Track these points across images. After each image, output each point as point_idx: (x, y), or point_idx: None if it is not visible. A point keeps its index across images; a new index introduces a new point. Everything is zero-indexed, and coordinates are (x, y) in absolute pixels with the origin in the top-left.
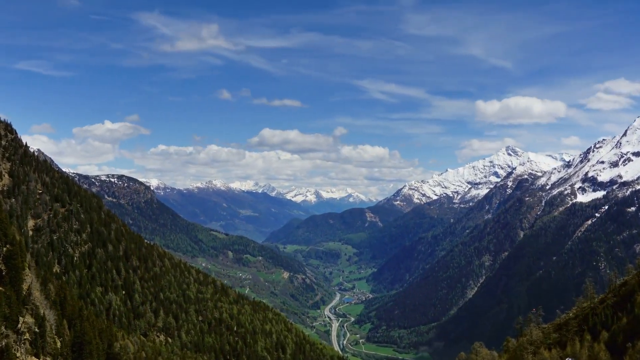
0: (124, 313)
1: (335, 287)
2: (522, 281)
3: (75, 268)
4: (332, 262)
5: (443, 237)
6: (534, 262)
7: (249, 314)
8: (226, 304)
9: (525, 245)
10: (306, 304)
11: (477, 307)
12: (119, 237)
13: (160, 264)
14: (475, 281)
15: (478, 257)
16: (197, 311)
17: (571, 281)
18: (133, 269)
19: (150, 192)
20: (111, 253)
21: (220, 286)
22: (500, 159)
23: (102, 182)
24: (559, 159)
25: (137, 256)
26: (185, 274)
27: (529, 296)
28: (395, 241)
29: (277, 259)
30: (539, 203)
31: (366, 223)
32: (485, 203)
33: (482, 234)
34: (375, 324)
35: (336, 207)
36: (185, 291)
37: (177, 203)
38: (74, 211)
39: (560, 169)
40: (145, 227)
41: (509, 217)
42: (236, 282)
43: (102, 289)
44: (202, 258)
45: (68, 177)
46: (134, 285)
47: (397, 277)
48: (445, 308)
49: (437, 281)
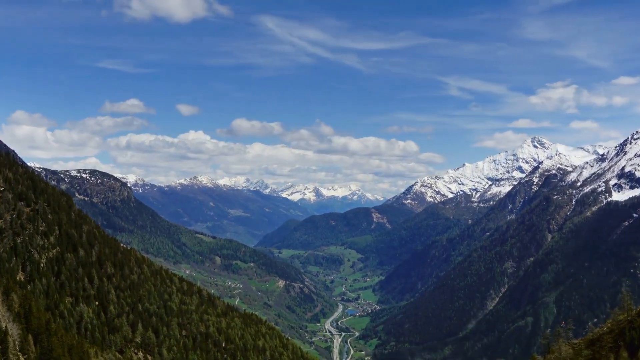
0: (97, 327)
1: (337, 297)
2: (550, 291)
3: (42, 276)
4: (334, 269)
5: (460, 240)
6: (564, 269)
7: (240, 327)
8: (213, 316)
9: (553, 249)
10: (304, 316)
11: (499, 320)
12: (92, 240)
13: (138, 271)
14: (496, 290)
15: (500, 263)
16: (181, 325)
17: (606, 291)
18: (107, 277)
19: (126, 189)
20: (82, 259)
21: (206, 296)
22: (524, 151)
23: (72, 178)
24: (591, 151)
25: (112, 262)
26: (166, 283)
27: (558, 308)
28: (406, 245)
29: (271, 266)
30: (568, 202)
31: (372, 225)
32: (507, 202)
33: (504, 236)
34: (382, 339)
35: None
36: (167, 302)
37: (158, 202)
38: (41, 211)
39: (593, 163)
40: (122, 229)
41: (534, 218)
42: (225, 292)
43: (72, 300)
44: (186, 264)
45: (34, 172)
46: (109, 295)
47: (408, 286)
48: (462, 321)
49: (453, 291)
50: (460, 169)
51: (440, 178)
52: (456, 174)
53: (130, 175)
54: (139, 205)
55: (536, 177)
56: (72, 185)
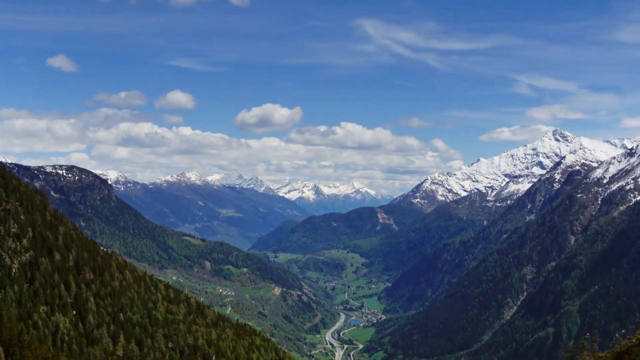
0: (74, 338)
1: (339, 306)
2: (573, 298)
3: (14, 282)
4: (336, 274)
5: (474, 243)
6: (588, 275)
7: (232, 339)
8: (202, 327)
9: (576, 253)
10: (303, 327)
11: (517, 331)
12: (69, 243)
13: (120, 277)
14: (514, 299)
15: (518, 269)
16: (166, 336)
17: (635, 299)
18: (86, 284)
19: (107, 187)
20: (59, 263)
21: (195, 305)
22: (545, 145)
23: (47, 174)
24: (619, 145)
25: (92, 267)
26: (151, 290)
27: (582, 317)
28: (414, 249)
29: (266, 271)
30: (594, 201)
31: (378, 226)
32: (526, 201)
33: (522, 239)
34: (389, 352)
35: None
36: (152, 311)
37: (142, 201)
38: (12, 211)
39: (620, 158)
40: (102, 230)
41: (556, 219)
42: (215, 300)
43: (48, 309)
44: (173, 270)
45: (5, 168)
46: (88, 304)
47: (417, 294)
48: (477, 332)
49: (466, 299)
50: (475, 164)
51: (452, 175)
52: (470, 170)
53: (112, 171)
54: (121, 204)
55: (558, 173)
56: (47, 182)
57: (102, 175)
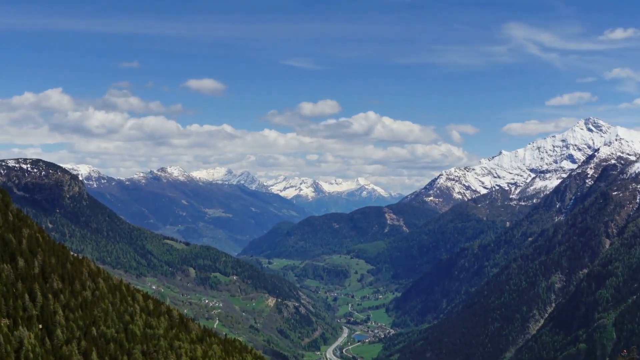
0: (40, 355)
1: (341, 318)
2: (608, 310)
3: None
4: (338, 283)
5: (495, 247)
6: (625, 284)
7: (219, 357)
8: (186, 342)
9: (612, 259)
10: (300, 342)
11: (544, 347)
12: (34, 247)
13: (92, 286)
14: (541, 311)
15: (545, 277)
16: (145, 353)
17: None
18: (54, 294)
19: (78, 183)
20: (22, 270)
21: (177, 318)
22: (576, 136)
23: (10, 169)
24: None
25: (60, 275)
26: (128, 301)
27: (618, 332)
28: (427, 254)
29: (258, 279)
30: (632, 199)
31: (386, 228)
32: (555, 199)
33: (550, 243)
34: None
35: (343, 205)
36: (128, 325)
37: (117, 199)
38: None
39: None
40: (72, 233)
41: (589, 220)
42: (201, 312)
43: (10, 322)
44: (152, 277)
45: None
46: (55, 317)
47: (430, 305)
48: (498, 349)
49: (486, 311)
50: (496, 157)
51: (470, 169)
52: (490, 165)
53: (83, 166)
54: (94, 203)
55: (591, 168)
56: (9, 178)
57: (72, 170)
